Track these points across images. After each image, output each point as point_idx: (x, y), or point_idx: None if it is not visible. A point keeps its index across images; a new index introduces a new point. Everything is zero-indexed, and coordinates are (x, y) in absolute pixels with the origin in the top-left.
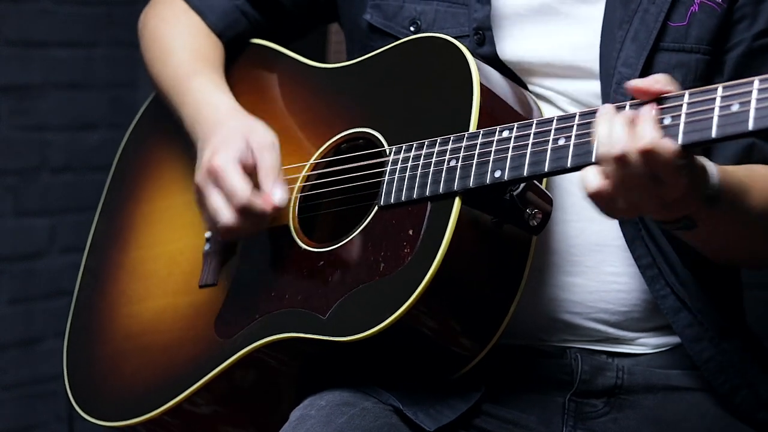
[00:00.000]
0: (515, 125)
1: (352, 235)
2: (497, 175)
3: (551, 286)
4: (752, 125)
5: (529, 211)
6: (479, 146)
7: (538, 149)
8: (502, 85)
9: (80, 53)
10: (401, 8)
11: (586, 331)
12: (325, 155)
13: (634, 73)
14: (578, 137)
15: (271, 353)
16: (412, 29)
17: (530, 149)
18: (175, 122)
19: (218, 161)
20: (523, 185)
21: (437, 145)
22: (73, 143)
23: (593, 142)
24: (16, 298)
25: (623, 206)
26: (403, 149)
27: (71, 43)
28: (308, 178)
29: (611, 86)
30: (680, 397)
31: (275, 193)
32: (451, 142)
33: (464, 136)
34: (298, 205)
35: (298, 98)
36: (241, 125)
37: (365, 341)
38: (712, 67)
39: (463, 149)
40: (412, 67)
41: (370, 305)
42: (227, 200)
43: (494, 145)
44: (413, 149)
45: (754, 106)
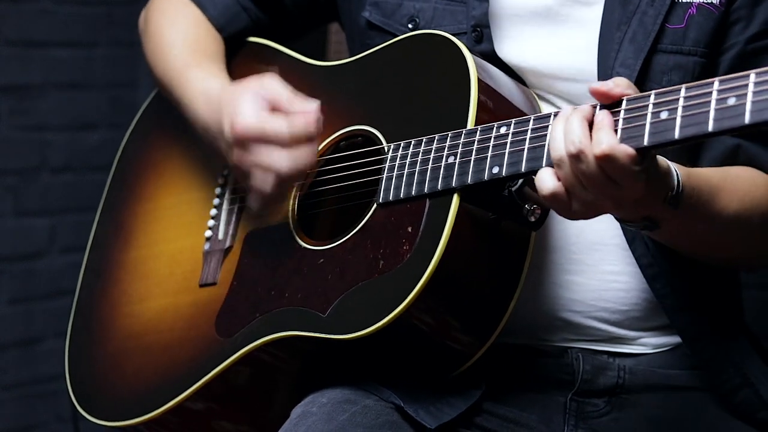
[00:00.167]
0: (513, 121)
1: (351, 232)
2: (495, 171)
3: (551, 284)
4: (749, 119)
5: (527, 206)
6: (477, 143)
7: (535, 145)
8: (499, 81)
9: (80, 53)
10: (400, 6)
11: (586, 330)
12: (323, 153)
13: (631, 74)
14: None
15: (271, 352)
16: (410, 26)
17: (528, 145)
18: (175, 120)
19: (241, 125)
20: (521, 181)
21: (435, 142)
22: (73, 143)
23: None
24: (16, 298)
25: (578, 208)
26: (401, 146)
27: (71, 43)
28: (307, 176)
29: None
30: (681, 396)
31: (308, 107)
32: (449, 138)
33: (462, 132)
34: (297, 203)
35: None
36: (235, 88)
37: (365, 339)
38: (708, 69)
39: (461, 146)
40: (410, 64)
41: (369, 303)
42: (274, 147)
43: (492, 141)
44: (411, 146)
45: (750, 99)
